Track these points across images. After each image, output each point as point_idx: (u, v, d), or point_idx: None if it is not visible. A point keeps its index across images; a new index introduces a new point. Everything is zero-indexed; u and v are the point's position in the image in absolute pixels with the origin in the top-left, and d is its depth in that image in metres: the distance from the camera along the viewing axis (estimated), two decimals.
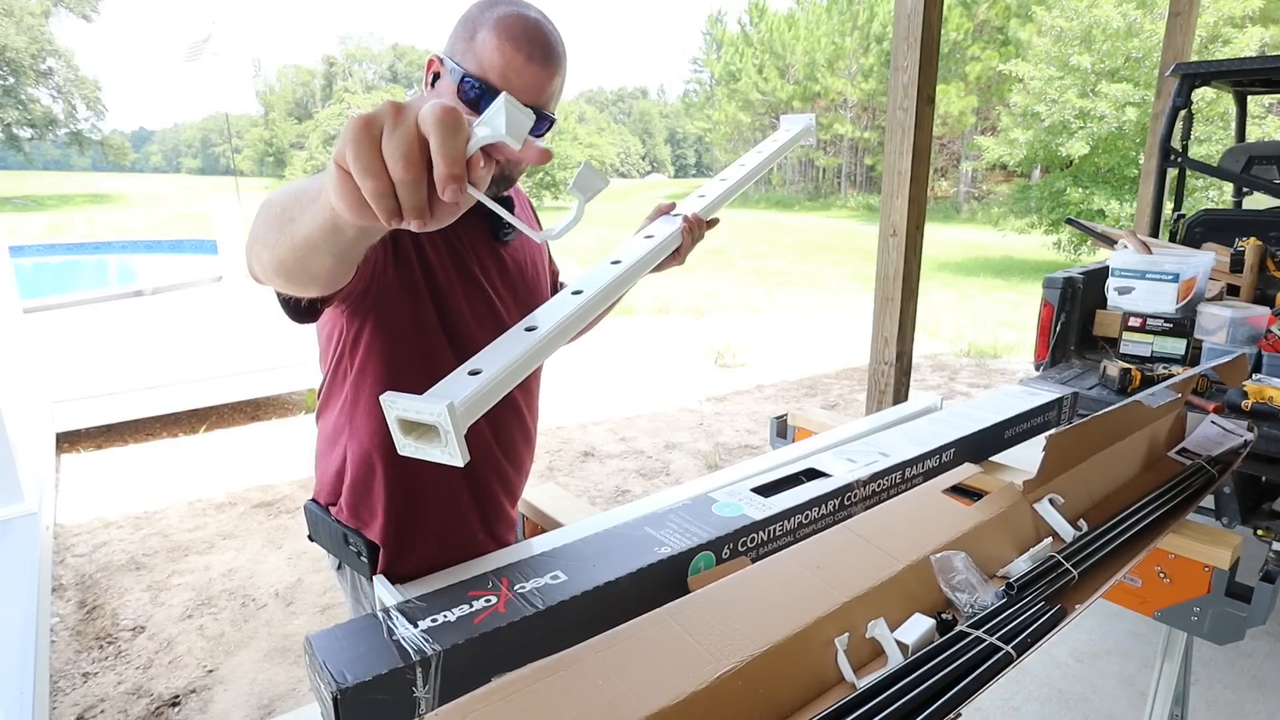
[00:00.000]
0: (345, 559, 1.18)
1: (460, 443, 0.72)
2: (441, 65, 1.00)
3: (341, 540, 1.15)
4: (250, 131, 63.06)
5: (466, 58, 0.97)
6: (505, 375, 0.79)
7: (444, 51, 1.01)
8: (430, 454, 0.75)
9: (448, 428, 0.71)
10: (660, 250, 1.14)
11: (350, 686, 0.69)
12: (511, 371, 0.81)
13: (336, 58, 62.56)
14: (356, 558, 1.13)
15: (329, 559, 1.23)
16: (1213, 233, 3.49)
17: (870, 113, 33.43)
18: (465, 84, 0.97)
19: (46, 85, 36.29)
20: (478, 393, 0.76)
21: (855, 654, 0.77)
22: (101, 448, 4.50)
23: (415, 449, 0.76)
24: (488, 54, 0.96)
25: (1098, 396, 2.46)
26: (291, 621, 2.75)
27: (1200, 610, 1.19)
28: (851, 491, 1.13)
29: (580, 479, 4.10)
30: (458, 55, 0.98)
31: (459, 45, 0.99)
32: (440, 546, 1.13)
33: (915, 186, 2.97)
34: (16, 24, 32.94)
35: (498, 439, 1.18)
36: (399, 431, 0.75)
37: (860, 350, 6.65)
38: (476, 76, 0.96)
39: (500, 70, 0.96)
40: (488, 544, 1.20)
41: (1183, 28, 4.71)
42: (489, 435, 1.17)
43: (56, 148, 49.87)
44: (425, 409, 0.71)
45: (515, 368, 0.81)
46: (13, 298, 4.43)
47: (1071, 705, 2.22)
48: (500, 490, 1.21)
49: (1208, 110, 11.30)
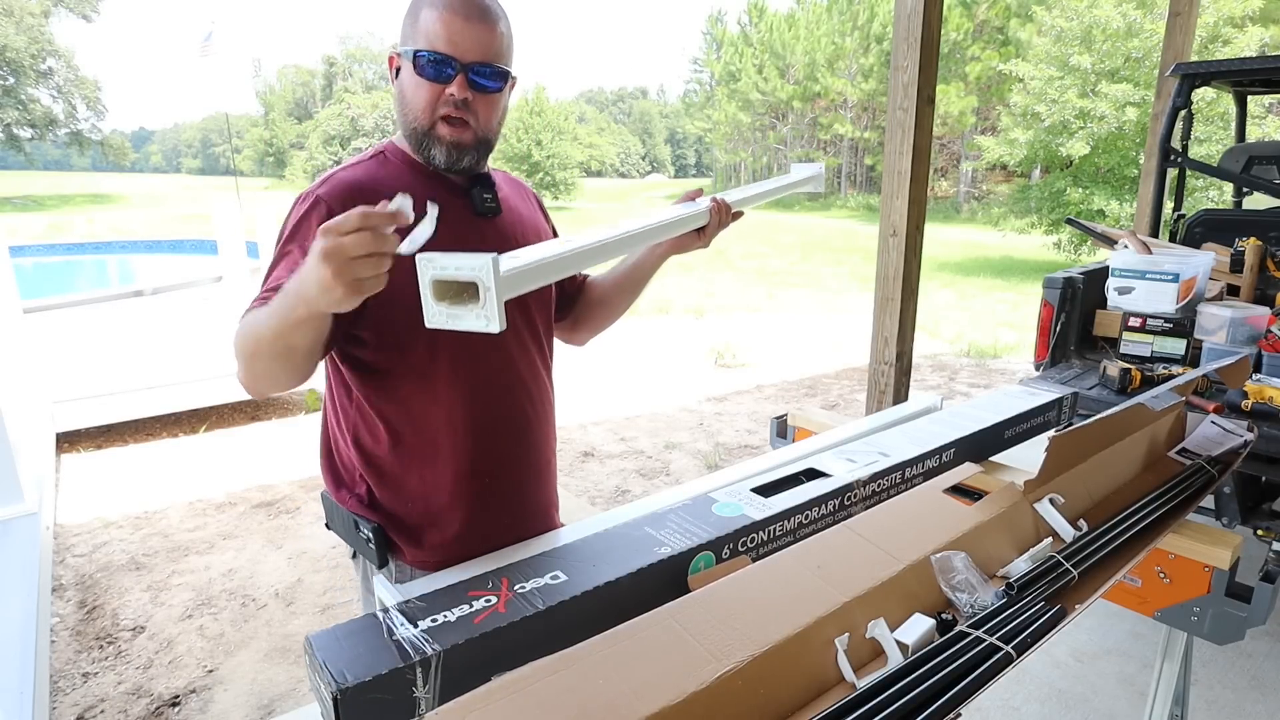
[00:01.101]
0: (356, 546, 1.19)
1: (500, 304, 0.72)
2: (400, 58, 1.07)
3: (352, 527, 1.15)
4: (250, 131, 63.09)
5: (416, 38, 1.04)
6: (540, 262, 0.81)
7: (399, 46, 1.08)
8: (463, 321, 0.75)
9: (489, 284, 0.70)
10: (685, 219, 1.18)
11: (350, 686, 0.69)
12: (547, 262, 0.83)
13: (336, 58, 62.51)
14: (365, 545, 1.13)
15: (346, 547, 1.25)
16: (1213, 233, 3.48)
17: (870, 113, 33.43)
18: (419, 59, 1.03)
19: (46, 85, 36.30)
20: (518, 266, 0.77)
21: (855, 654, 0.76)
22: (101, 448, 4.50)
23: (447, 316, 0.75)
24: (430, 26, 1.02)
25: (1098, 396, 2.46)
26: (291, 621, 2.75)
27: (1200, 610, 1.18)
28: (851, 491, 1.13)
29: (580, 479, 4.10)
30: (408, 41, 1.05)
31: (407, 32, 1.06)
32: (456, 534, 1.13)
33: (915, 186, 2.97)
34: (16, 24, 32.94)
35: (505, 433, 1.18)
36: (431, 296, 0.75)
37: (860, 350, 6.65)
38: (427, 49, 1.03)
39: (445, 37, 1.02)
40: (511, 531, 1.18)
41: (1183, 28, 4.71)
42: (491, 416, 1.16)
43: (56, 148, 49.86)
44: (467, 264, 0.71)
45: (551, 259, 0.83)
46: (13, 298, 4.43)
47: (1071, 705, 2.22)
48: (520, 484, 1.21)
49: (1208, 110, 11.29)
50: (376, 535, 1.11)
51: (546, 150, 31.33)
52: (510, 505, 1.19)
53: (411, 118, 1.07)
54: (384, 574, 1.15)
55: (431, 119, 1.06)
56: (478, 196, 1.14)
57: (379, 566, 1.14)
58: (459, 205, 1.13)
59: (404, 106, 1.08)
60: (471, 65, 1.03)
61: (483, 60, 1.04)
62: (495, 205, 1.16)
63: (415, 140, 1.09)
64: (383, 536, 1.12)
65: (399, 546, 1.14)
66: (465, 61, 1.03)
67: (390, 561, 1.15)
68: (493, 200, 1.16)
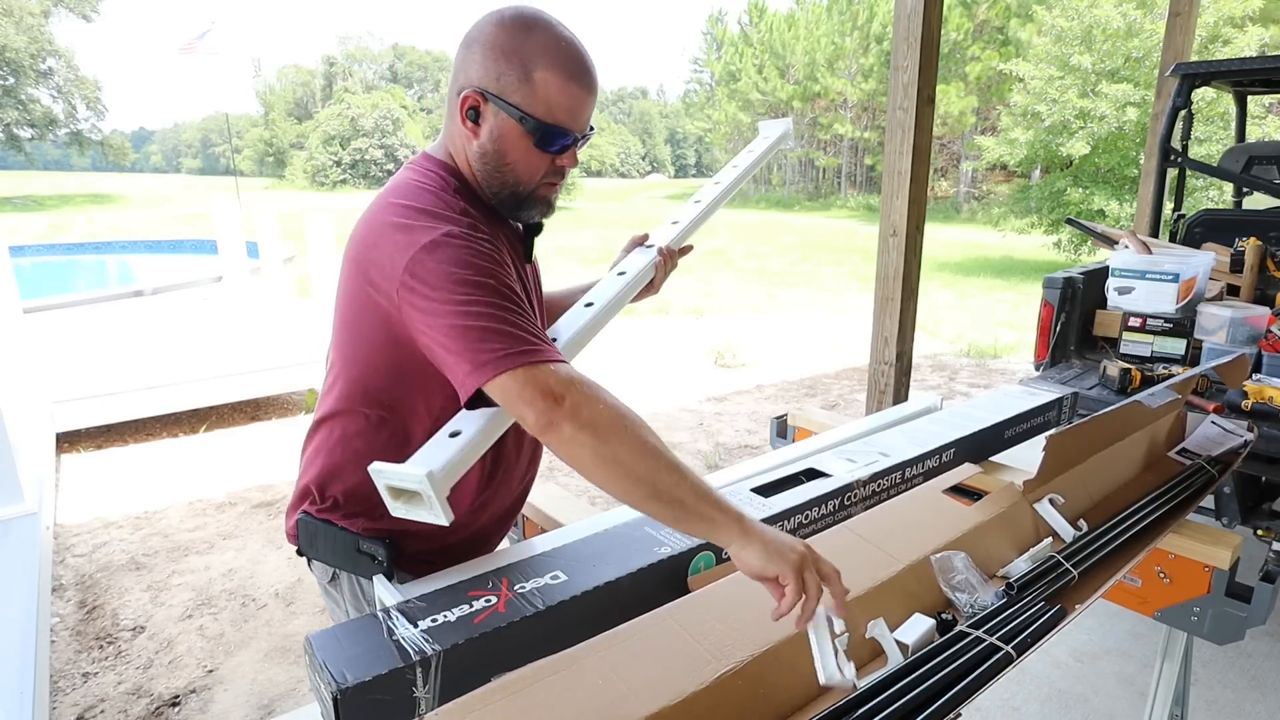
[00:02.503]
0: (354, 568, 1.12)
1: (443, 504, 0.81)
2: (484, 102, 0.96)
3: (352, 549, 1.09)
4: (250, 131, 63.07)
5: (530, 102, 0.94)
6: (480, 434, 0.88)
7: (485, 86, 0.95)
8: (419, 515, 0.83)
9: (429, 493, 0.79)
10: (634, 286, 1.22)
11: (350, 686, 0.69)
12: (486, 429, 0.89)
13: (336, 58, 62.51)
14: (371, 562, 1.08)
15: (320, 572, 1.16)
16: (1213, 233, 3.49)
17: (870, 113, 33.42)
18: (544, 131, 0.96)
19: (46, 85, 36.27)
20: (455, 455, 0.84)
21: (855, 654, 0.76)
22: (101, 448, 4.50)
23: (405, 511, 0.84)
24: (554, 97, 0.94)
25: (1098, 396, 2.46)
26: (291, 621, 2.75)
27: (1200, 610, 1.19)
28: (851, 491, 1.13)
29: (580, 479, 4.09)
30: (514, 97, 0.94)
31: (510, 84, 0.94)
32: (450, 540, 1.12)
33: (915, 186, 2.97)
34: (16, 24, 32.93)
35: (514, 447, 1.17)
36: (389, 497, 0.84)
37: (860, 350, 6.64)
38: (550, 123, 0.96)
39: (569, 110, 0.96)
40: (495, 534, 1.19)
41: (1183, 28, 4.71)
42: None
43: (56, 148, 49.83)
44: (409, 475, 0.80)
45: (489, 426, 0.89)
46: (13, 298, 4.43)
47: (1071, 705, 2.22)
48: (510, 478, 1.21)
49: (1208, 110, 11.28)
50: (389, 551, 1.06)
51: None
52: (506, 507, 1.20)
53: (514, 181, 1.01)
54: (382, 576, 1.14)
55: (537, 184, 1.02)
56: (530, 243, 1.13)
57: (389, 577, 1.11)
58: (517, 249, 1.10)
59: (504, 166, 1.00)
60: (582, 135, 1.01)
61: (588, 128, 1.01)
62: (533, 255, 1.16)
63: (512, 200, 1.03)
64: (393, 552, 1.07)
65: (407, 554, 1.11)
66: (582, 133, 1.00)
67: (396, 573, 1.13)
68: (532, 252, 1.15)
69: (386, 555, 1.07)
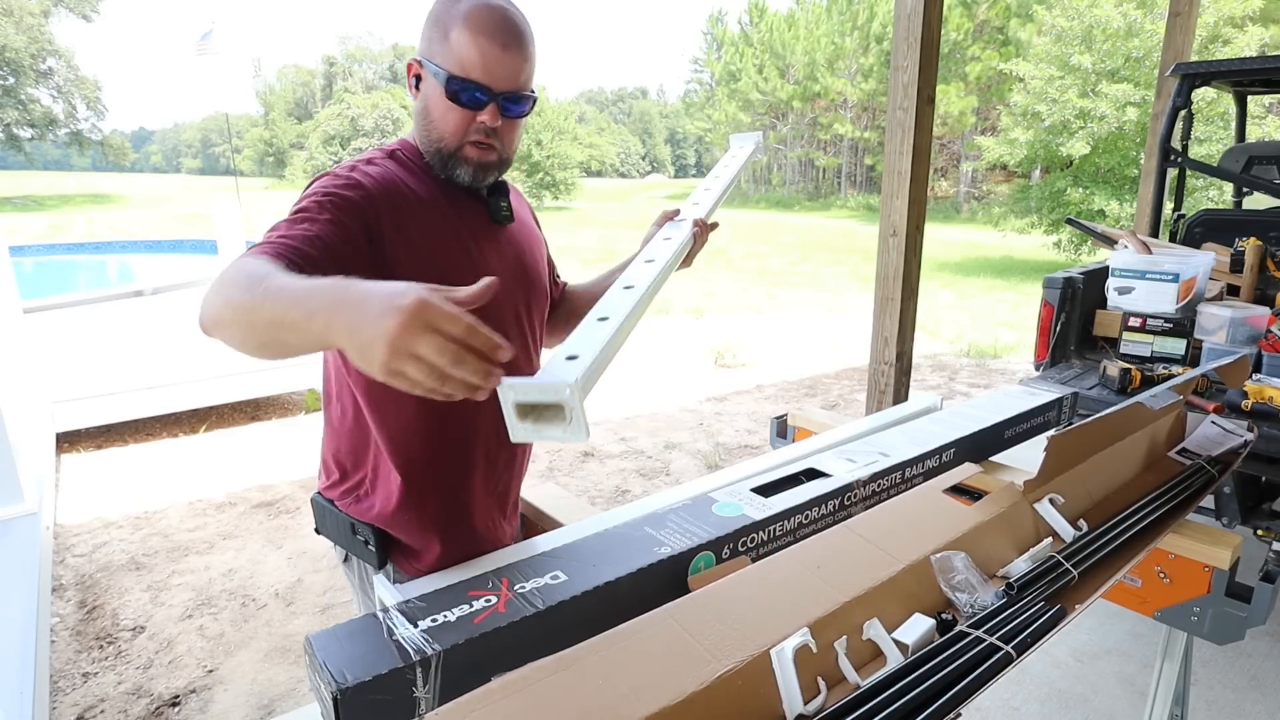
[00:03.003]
0: (353, 550, 1.18)
1: (585, 419, 0.76)
2: (422, 68, 1.04)
3: (349, 531, 1.15)
4: (250, 131, 63.05)
5: (447, 59, 1.01)
6: (600, 356, 0.84)
7: (421, 54, 1.05)
8: (548, 435, 0.77)
9: (574, 404, 0.74)
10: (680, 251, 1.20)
11: (350, 686, 0.69)
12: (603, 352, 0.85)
13: (336, 58, 62.51)
14: (364, 547, 1.13)
15: (335, 553, 1.23)
16: (1213, 233, 3.48)
17: (870, 113, 33.43)
18: (452, 85, 1.01)
19: (46, 85, 36.28)
20: (586, 372, 0.79)
21: (855, 654, 0.76)
22: (101, 448, 4.50)
23: (531, 432, 0.78)
24: (465, 52, 0.99)
25: (1098, 396, 2.46)
26: (291, 621, 2.75)
27: (1200, 610, 1.19)
28: (851, 491, 1.13)
29: (580, 479, 4.10)
30: (436, 57, 1.02)
31: (435, 46, 1.02)
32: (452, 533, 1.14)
33: (915, 186, 2.97)
34: (16, 24, 32.93)
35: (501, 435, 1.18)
36: (514, 416, 0.77)
37: (860, 350, 6.64)
38: (460, 76, 1.00)
39: (481, 65, 1.00)
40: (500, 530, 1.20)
41: (1183, 28, 4.71)
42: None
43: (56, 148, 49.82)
44: (551, 389, 0.75)
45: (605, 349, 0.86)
46: (13, 298, 4.42)
47: (1071, 705, 2.22)
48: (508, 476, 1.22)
49: (1208, 110, 11.29)
50: (376, 537, 1.11)
51: (546, 150, 31.29)
52: (501, 504, 1.21)
53: (437, 137, 1.06)
54: (383, 574, 1.15)
55: (460, 143, 1.05)
56: (494, 205, 1.15)
57: (378, 568, 1.14)
58: (476, 211, 1.13)
59: (429, 123, 1.06)
60: (503, 94, 1.02)
61: (514, 89, 1.03)
62: (509, 214, 1.17)
63: (439, 159, 1.08)
64: (382, 538, 1.12)
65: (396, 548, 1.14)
66: (498, 90, 1.02)
67: (389, 563, 1.15)
68: (507, 209, 1.17)
69: (375, 540, 1.11)
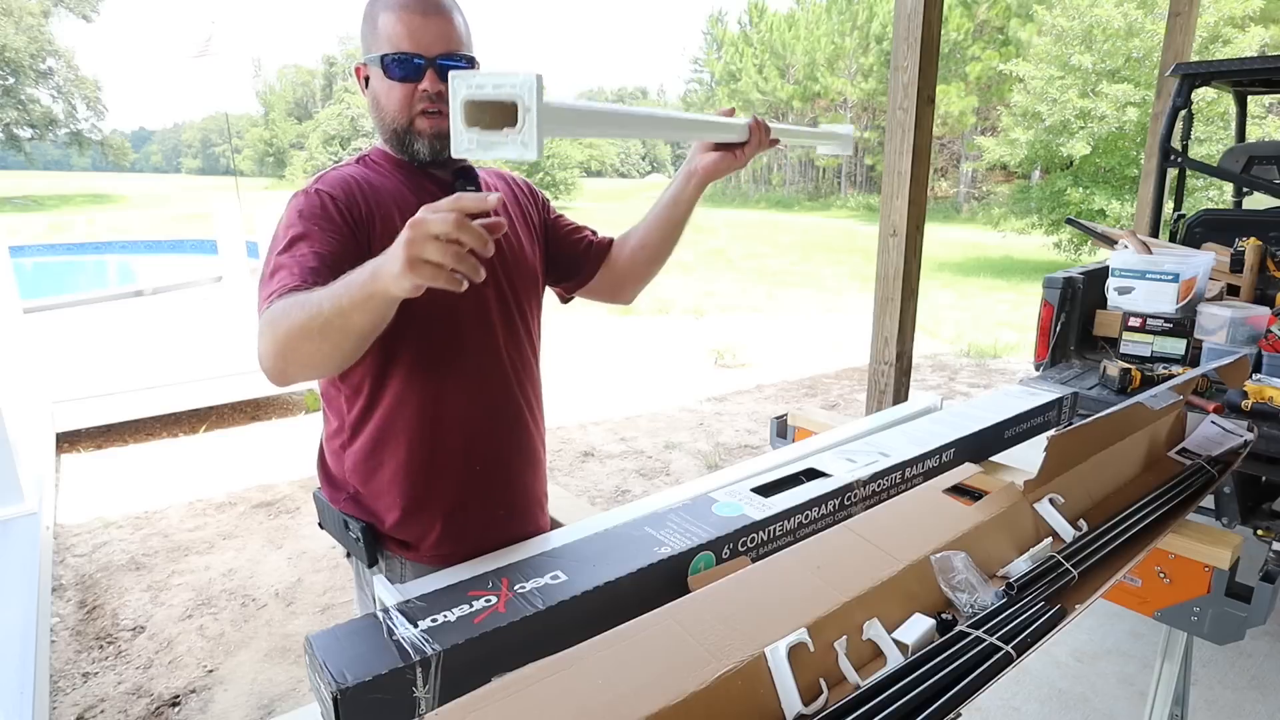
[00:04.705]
0: (347, 545, 1.19)
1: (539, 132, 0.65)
2: (367, 67, 1.09)
3: (342, 527, 1.16)
4: (250, 131, 63.01)
5: (379, 43, 1.06)
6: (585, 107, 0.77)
7: (362, 55, 1.11)
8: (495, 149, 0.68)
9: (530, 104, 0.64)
10: (726, 126, 1.12)
11: (350, 686, 0.69)
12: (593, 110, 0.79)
13: (336, 58, 62.40)
14: (355, 544, 1.14)
15: (341, 547, 1.24)
16: (1213, 233, 3.48)
17: (870, 113, 33.40)
18: (386, 62, 1.06)
19: (46, 85, 36.27)
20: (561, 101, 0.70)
21: (855, 654, 0.76)
22: (101, 448, 4.50)
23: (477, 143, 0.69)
24: (391, 29, 1.05)
25: (1098, 396, 2.46)
26: (291, 621, 2.75)
27: (1200, 610, 1.19)
28: (851, 491, 1.13)
29: (580, 479, 4.10)
30: (373, 48, 1.08)
31: (368, 40, 1.09)
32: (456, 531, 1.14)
33: (915, 186, 2.97)
34: (16, 24, 32.91)
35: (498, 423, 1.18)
36: (461, 121, 0.69)
37: (860, 350, 6.64)
38: (393, 52, 1.05)
39: (407, 35, 1.04)
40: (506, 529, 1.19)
41: (1183, 28, 4.71)
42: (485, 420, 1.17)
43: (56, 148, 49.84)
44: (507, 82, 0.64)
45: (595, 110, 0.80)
46: (13, 298, 4.43)
47: (1071, 705, 2.22)
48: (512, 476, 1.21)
49: (1208, 110, 11.28)
50: (365, 534, 1.12)
51: (546, 150, 31.13)
52: (504, 496, 1.20)
53: (389, 119, 1.09)
54: (384, 574, 1.15)
55: (409, 116, 1.08)
56: (460, 189, 1.16)
57: (369, 565, 1.14)
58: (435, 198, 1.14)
59: (380, 111, 1.10)
60: (437, 58, 1.06)
61: (447, 52, 1.07)
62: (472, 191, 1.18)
63: (397, 140, 1.11)
64: (371, 535, 1.13)
65: (391, 544, 1.14)
66: (431, 55, 1.05)
67: (381, 559, 1.15)
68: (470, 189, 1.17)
69: (364, 535, 1.12)
